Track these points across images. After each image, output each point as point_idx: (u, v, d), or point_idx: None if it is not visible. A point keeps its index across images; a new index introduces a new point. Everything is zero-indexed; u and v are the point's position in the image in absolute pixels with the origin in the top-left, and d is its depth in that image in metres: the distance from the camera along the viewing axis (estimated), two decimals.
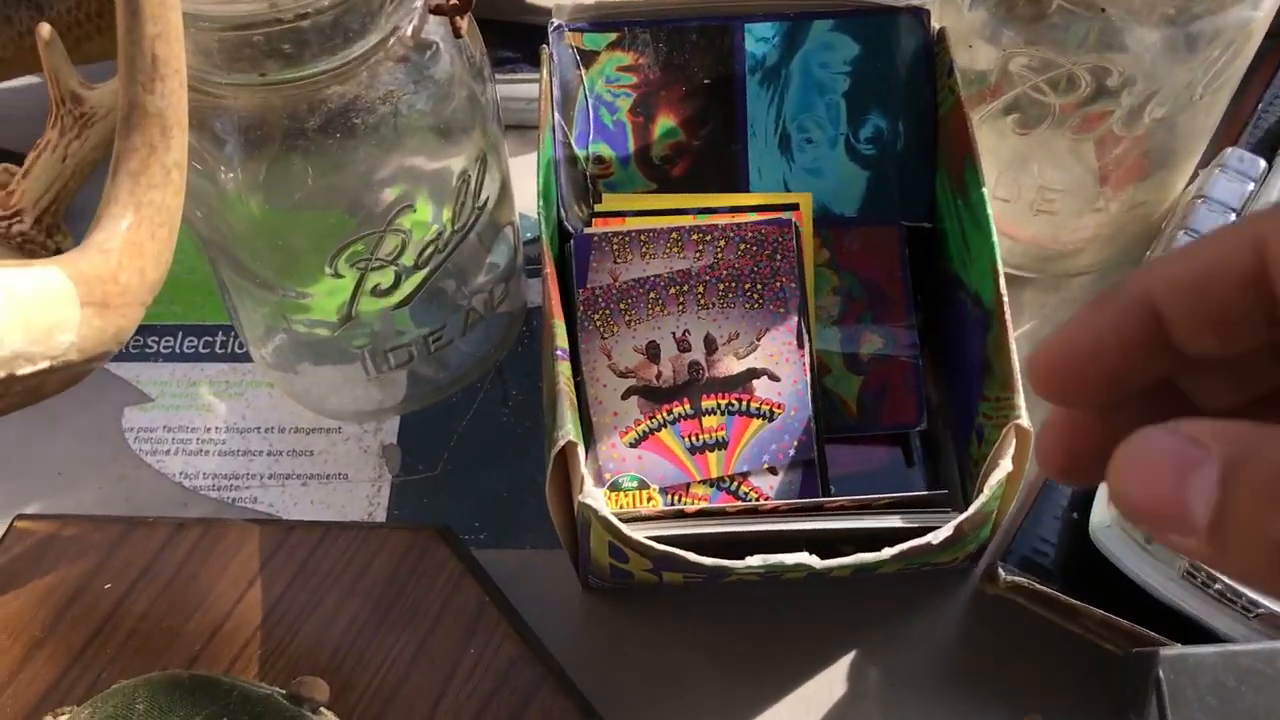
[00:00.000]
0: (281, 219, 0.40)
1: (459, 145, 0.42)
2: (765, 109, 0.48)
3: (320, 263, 0.41)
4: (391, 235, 0.41)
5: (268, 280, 0.42)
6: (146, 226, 0.31)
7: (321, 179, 0.39)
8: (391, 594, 0.44)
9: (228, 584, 0.44)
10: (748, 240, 0.45)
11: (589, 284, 0.45)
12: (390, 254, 0.42)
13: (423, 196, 0.41)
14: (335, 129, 0.38)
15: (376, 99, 0.38)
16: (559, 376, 0.39)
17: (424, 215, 0.41)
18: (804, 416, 0.43)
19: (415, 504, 0.48)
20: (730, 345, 0.44)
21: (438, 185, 0.41)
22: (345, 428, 0.50)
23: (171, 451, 0.50)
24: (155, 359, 0.52)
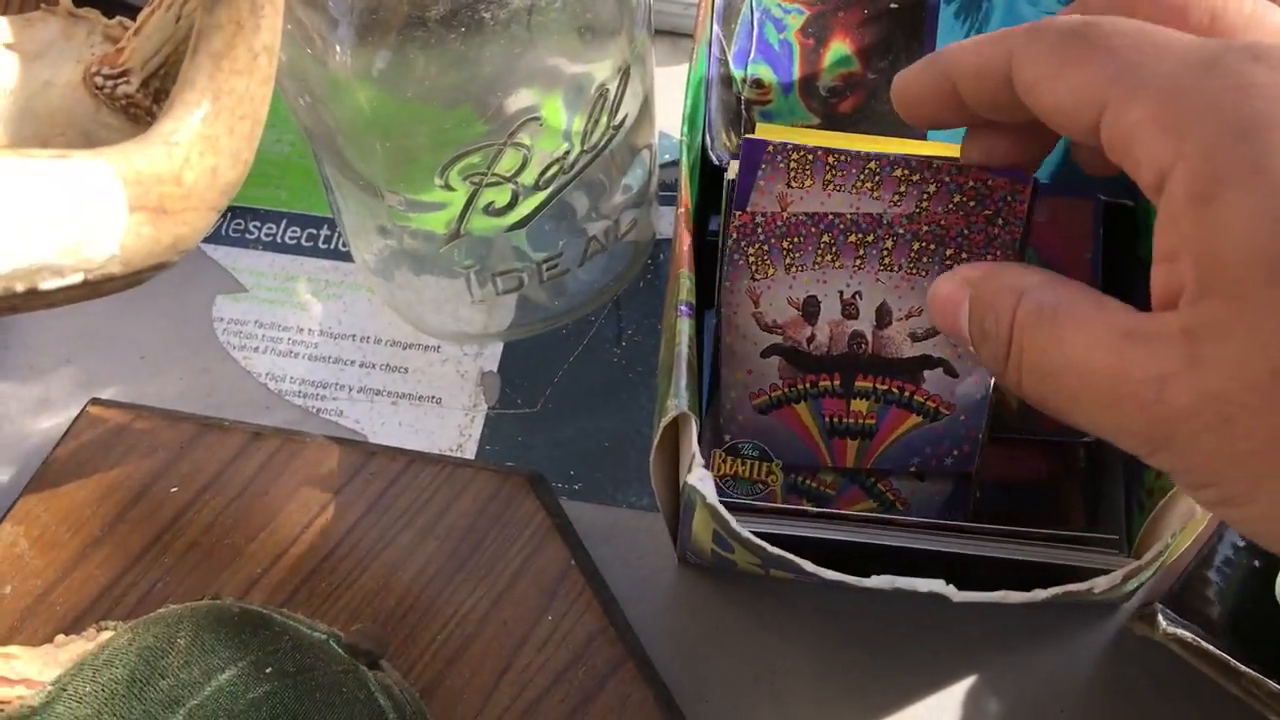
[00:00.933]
0: (394, 115, 0.35)
1: (601, 52, 0.36)
2: None
3: (431, 171, 0.36)
4: (512, 150, 0.36)
5: (373, 183, 0.38)
6: (225, 118, 0.26)
7: (441, 76, 0.34)
8: (470, 542, 0.40)
9: (298, 506, 0.41)
10: (965, 192, 0.37)
11: (750, 207, 0.38)
12: (509, 171, 0.37)
13: (552, 108, 0.36)
14: (461, 21, 0.33)
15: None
16: (680, 335, 0.34)
17: (552, 130, 0.36)
18: (974, 425, 0.37)
19: (508, 441, 0.44)
20: (907, 322, 0.37)
21: (571, 97, 0.36)
22: (444, 348, 0.46)
23: (260, 349, 0.46)
24: (255, 246, 0.49)
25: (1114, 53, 0.25)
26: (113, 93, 0.47)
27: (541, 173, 0.37)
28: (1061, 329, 0.25)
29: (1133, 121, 0.24)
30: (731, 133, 0.42)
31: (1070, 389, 0.25)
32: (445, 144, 0.36)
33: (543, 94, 0.35)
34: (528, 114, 0.35)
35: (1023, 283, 0.27)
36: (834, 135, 0.42)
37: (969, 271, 0.29)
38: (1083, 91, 0.25)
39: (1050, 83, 0.26)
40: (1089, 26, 0.26)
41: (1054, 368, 0.25)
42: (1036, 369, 0.25)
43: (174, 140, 0.25)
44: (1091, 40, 0.25)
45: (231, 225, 0.49)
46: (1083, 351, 0.24)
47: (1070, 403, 0.25)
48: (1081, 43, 0.26)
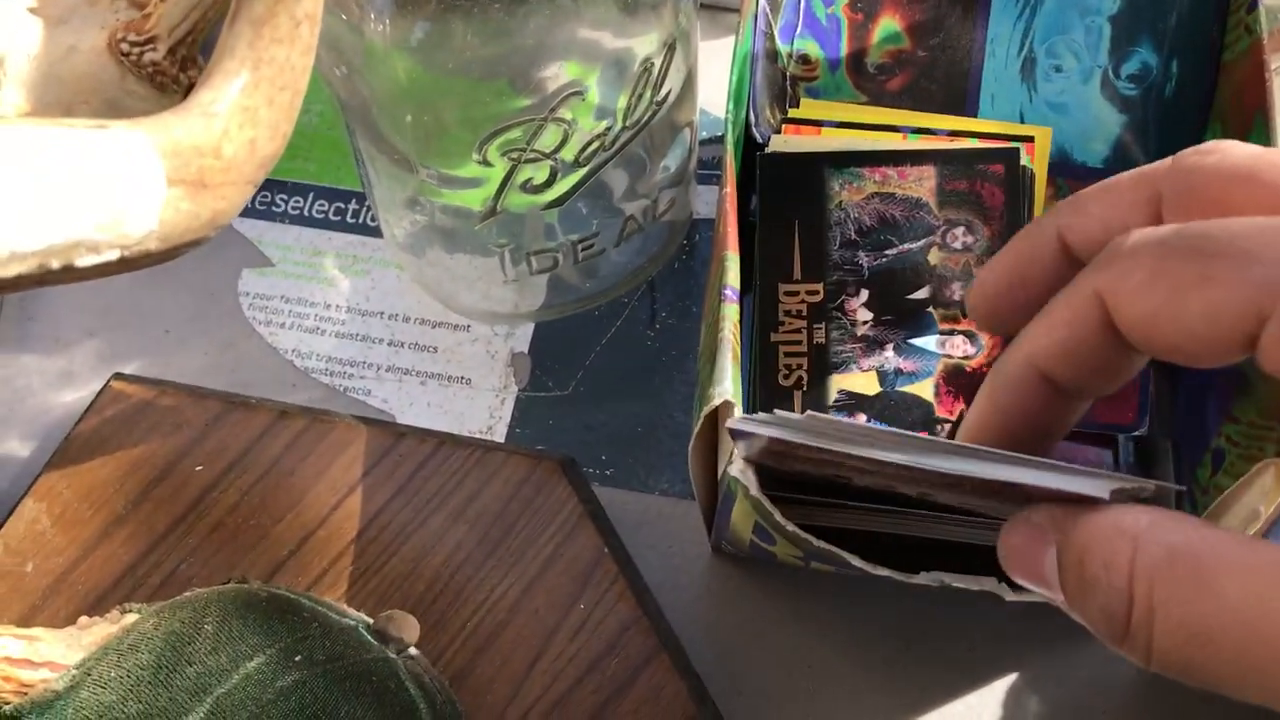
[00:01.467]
0: (431, 87, 0.34)
1: (647, 25, 0.35)
2: (1012, 23, 0.40)
3: (468, 145, 0.35)
4: (554, 125, 0.35)
5: (408, 158, 0.37)
6: (265, 89, 0.25)
7: (482, 48, 0.33)
8: (501, 527, 0.39)
9: (326, 487, 0.40)
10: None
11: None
12: (549, 147, 0.36)
13: (595, 82, 0.35)
14: (502, 12, 0.32)
15: None
16: (725, 321, 0.33)
17: (593, 105, 0.35)
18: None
19: (539, 424, 0.43)
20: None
21: (615, 71, 0.35)
22: (475, 327, 0.45)
23: (286, 325, 0.45)
24: (282, 219, 0.47)
25: (1250, 256, 0.21)
26: (139, 60, 0.46)
27: (582, 149, 0.36)
28: (1217, 578, 0.20)
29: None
30: (776, 108, 0.41)
31: (1234, 645, 0.20)
32: (484, 118, 0.34)
33: (586, 68, 0.34)
34: (571, 88, 0.34)
35: (1128, 523, 0.22)
36: (878, 111, 0.40)
37: (1048, 511, 0.24)
38: (1225, 311, 0.21)
39: (1173, 311, 0.22)
40: (1196, 236, 0.22)
41: (1206, 624, 0.20)
42: (1183, 629, 0.20)
43: (213, 111, 0.24)
44: (1210, 250, 0.21)
45: (258, 198, 0.48)
46: (1247, 594, 0.19)
47: (1234, 668, 0.20)
48: (1198, 256, 0.22)
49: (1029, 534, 0.24)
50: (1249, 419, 0.33)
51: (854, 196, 0.38)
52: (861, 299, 0.38)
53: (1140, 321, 0.23)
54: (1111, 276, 0.23)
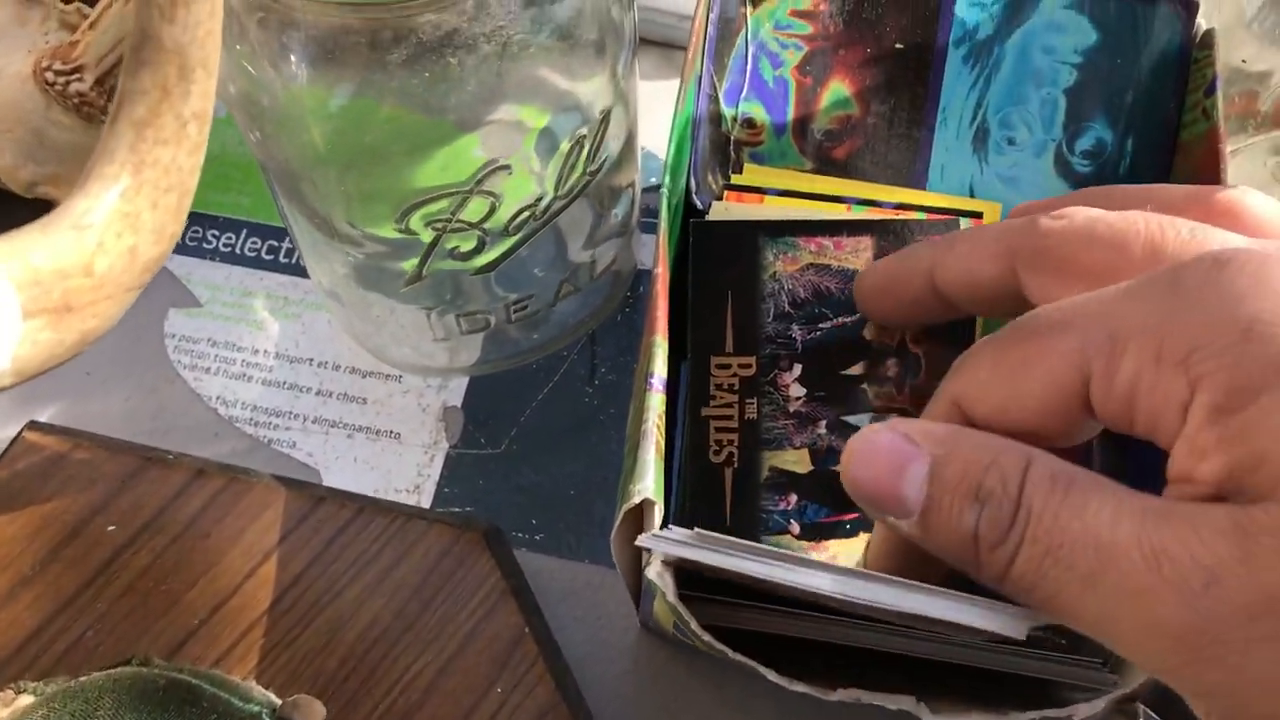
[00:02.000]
0: (351, 156, 0.33)
1: (578, 98, 0.33)
2: (965, 93, 0.39)
3: (390, 213, 0.34)
4: (479, 197, 0.33)
5: (328, 220, 0.35)
6: (148, 192, 0.24)
7: (403, 120, 0.31)
8: (419, 602, 0.37)
9: (241, 552, 0.38)
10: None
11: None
12: (475, 218, 0.34)
13: (524, 155, 0.33)
14: (425, 66, 0.30)
15: (481, 35, 0.30)
16: (648, 412, 0.32)
17: (523, 177, 0.34)
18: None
19: (469, 484, 0.42)
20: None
21: (545, 143, 0.34)
22: (407, 378, 0.44)
23: (212, 370, 0.44)
24: (212, 257, 0.46)
25: (1066, 326, 0.23)
26: (64, 90, 0.45)
27: (511, 218, 0.35)
28: (1085, 499, 0.21)
29: (1129, 376, 0.22)
30: (718, 173, 0.39)
31: (1084, 566, 0.21)
32: (406, 189, 0.33)
33: (514, 140, 0.33)
34: (496, 162, 0.33)
35: (1019, 447, 0.23)
36: (825, 180, 0.39)
37: (924, 427, 0.24)
38: (1054, 384, 0.23)
39: (1016, 399, 0.24)
40: (1016, 324, 0.25)
41: (1066, 537, 0.21)
42: (1046, 539, 0.22)
43: (86, 223, 0.23)
44: (1031, 331, 0.24)
45: (189, 233, 0.46)
46: (1107, 521, 0.21)
47: (1082, 586, 0.21)
48: (1022, 340, 0.24)
49: (894, 441, 0.24)
50: None
51: (789, 267, 0.37)
52: (794, 374, 0.37)
53: (994, 414, 0.24)
54: (960, 382, 0.25)
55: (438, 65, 0.30)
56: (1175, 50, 0.37)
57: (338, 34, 0.30)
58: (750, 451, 0.36)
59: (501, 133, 0.32)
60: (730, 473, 0.36)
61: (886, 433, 0.24)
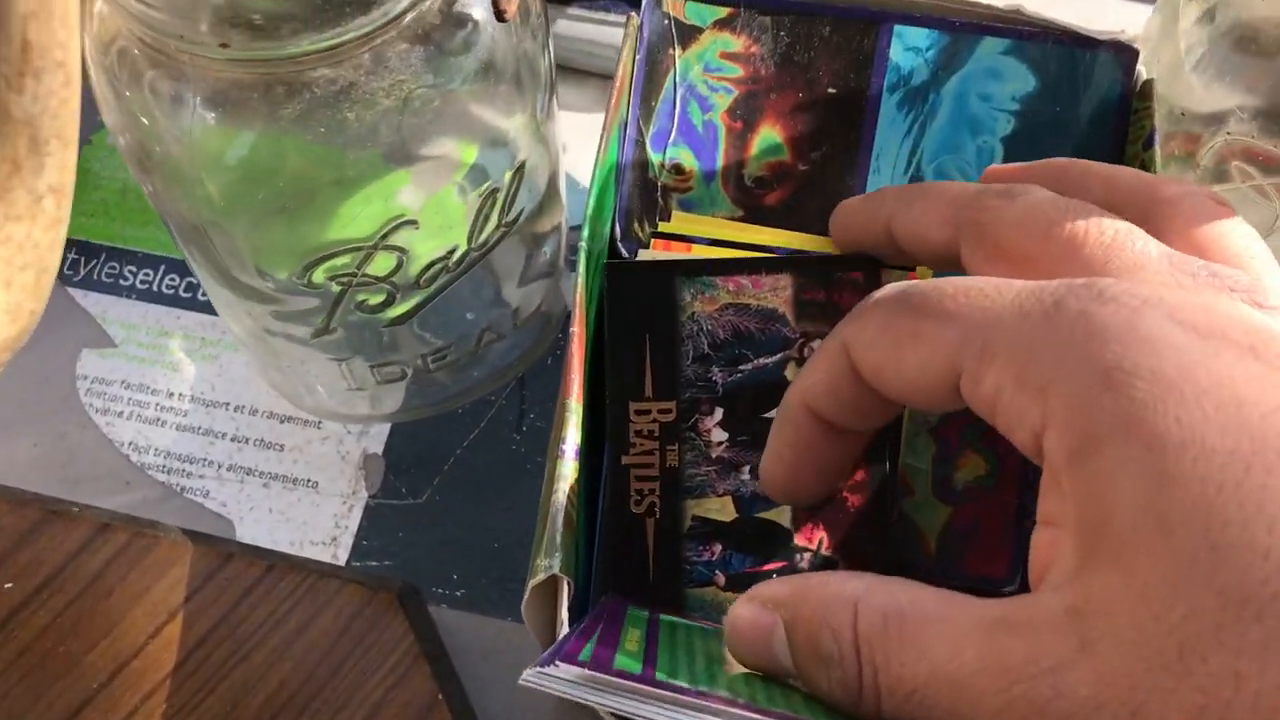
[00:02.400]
0: (248, 212, 0.31)
1: (488, 151, 0.32)
2: (899, 139, 0.37)
3: (292, 265, 0.32)
4: (385, 252, 0.32)
5: (230, 272, 0.34)
6: (0, 270, 0.22)
7: (299, 178, 0.30)
8: (329, 666, 0.36)
9: (144, 612, 0.37)
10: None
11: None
12: (383, 273, 0.33)
13: (431, 211, 0.32)
14: (319, 122, 0.29)
15: (379, 90, 0.29)
16: (560, 482, 0.30)
17: (431, 231, 0.32)
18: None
19: (388, 536, 0.40)
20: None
21: (453, 199, 0.32)
22: (326, 424, 0.42)
23: (125, 415, 0.42)
24: (129, 294, 0.44)
25: (951, 317, 0.24)
26: None
27: (422, 271, 0.34)
28: (919, 634, 0.21)
29: (992, 386, 0.22)
30: (645, 220, 0.38)
31: (945, 703, 0.21)
32: (308, 244, 0.32)
33: (420, 197, 0.31)
34: (400, 219, 0.31)
35: (846, 591, 0.23)
36: (756, 230, 0.38)
37: (773, 590, 0.25)
38: (931, 366, 0.24)
39: (894, 365, 0.25)
40: (914, 293, 0.25)
41: (919, 682, 0.21)
42: (900, 686, 0.21)
43: None
44: (922, 308, 0.24)
45: (105, 268, 0.45)
46: (950, 654, 0.21)
47: (952, 716, 0.21)
48: (913, 313, 0.24)
49: (754, 615, 0.25)
50: None
51: (707, 308, 0.35)
52: (716, 418, 0.35)
53: (872, 370, 0.25)
54: (854, 329, 0.26)
55: (334, 120, 0.29)
56: (1116, 99, 0.36)
57: (229, 88, 0.28)
58: (672, 501, 0.35)
59: (406, 189, 0.31)
60: (652, 523, 0.35)
61: (744, 606, 0.25)
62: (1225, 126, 0.36)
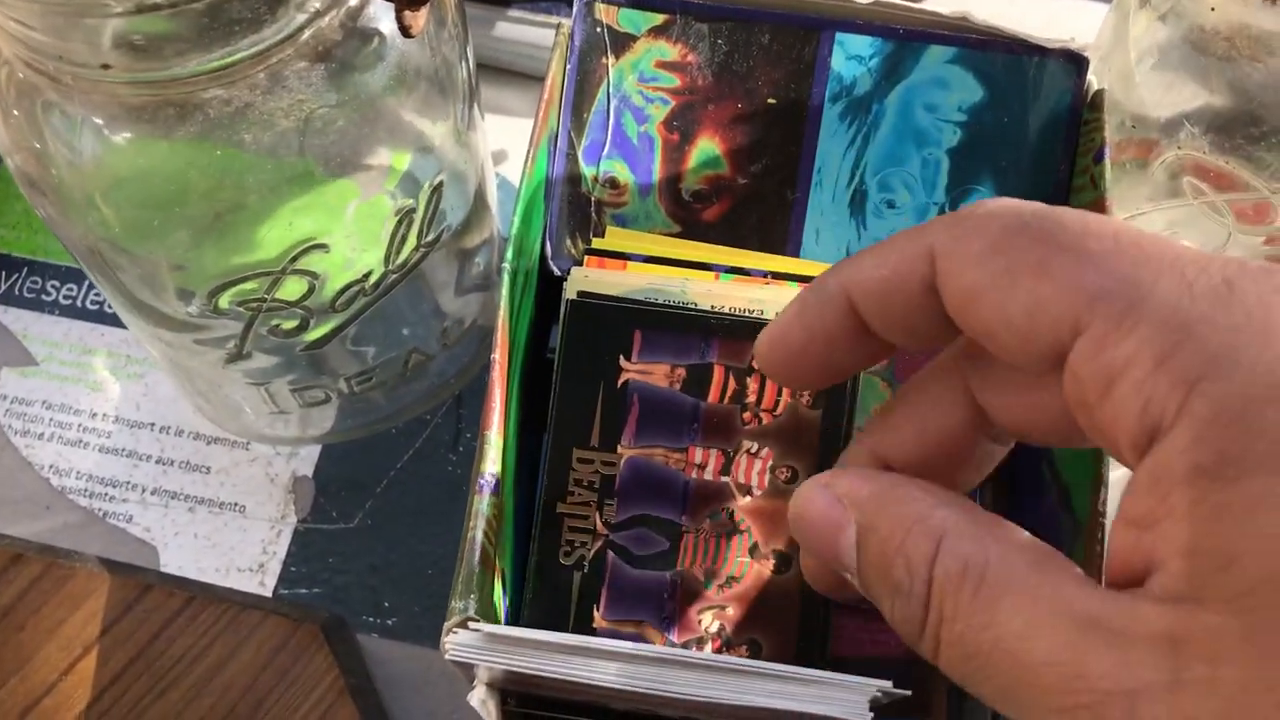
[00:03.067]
0: (144, 237, 0.30)
1: (407, 168, 0.31)
2: (842, 151, 0.36)
3: (196, 290, 0.31)
4: (295, 277, 0.30)
5: (134, 296, 0.32)
6: None
7: (197, 203, 0.28)
8: (250, 702, 0.35)
9: (58, 646, 0.35)
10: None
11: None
12: (294, 297, 0.31)
13: (343, 234, 0.30)
14: (215, 145, 0.27)
15: (278, 110, 0.27)
16: (477, 519, 0.29)
17: (341, 256, 0.31)
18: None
19: (317, 562, 0.39)
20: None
21: (365, 221, 0.31)
22: (255, 445, 0.41)
23: (46, 436, 0.41)
24: (51, 310, 0.43)
25: (1089, 260, 0.19)
26: None
27: (337, 295, 0.32)
28: (997, 599, 0.19)
29: (1121, 359, 0.19)
30: (578, 237, 0.36)
31: (1003, 681, 0.19)
32: (210, 269, 0.30)
33: (326, 220, 0.30)
34: (307, 242, 0.30)
35: (935, 519, 0.20)
36: (694, 246, 0.36)
37: (852, 485, 0.22)
38: (1048, 308, 0.19)
39: (997, 296, 0.20)
40: (1046, 220, 0.20)
41: (982, 649, 0.19)
42: (960, 646, 0.19)
43: None
44: (1054, 239, 0.20)
45: (27, 283, 0.43)
46: (1023, 635, 0.19)
47: (1002, 697, 0.19)
48: (1039, 243, 0.20)
49: (828, 505, 0.22)
50: None
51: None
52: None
53: (964, 292, 0.21)
54: (952, 237, 0.21)
55: (231, 141, 0.27)
56: (1065, 109, 0.35)
57: (118, 110, 0.26)
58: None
59: (310, 212, 0.29)
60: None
61: (818, 493, 0.23)
62: (1177, 138, 0.35)
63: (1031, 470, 0.35)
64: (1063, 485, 0.33)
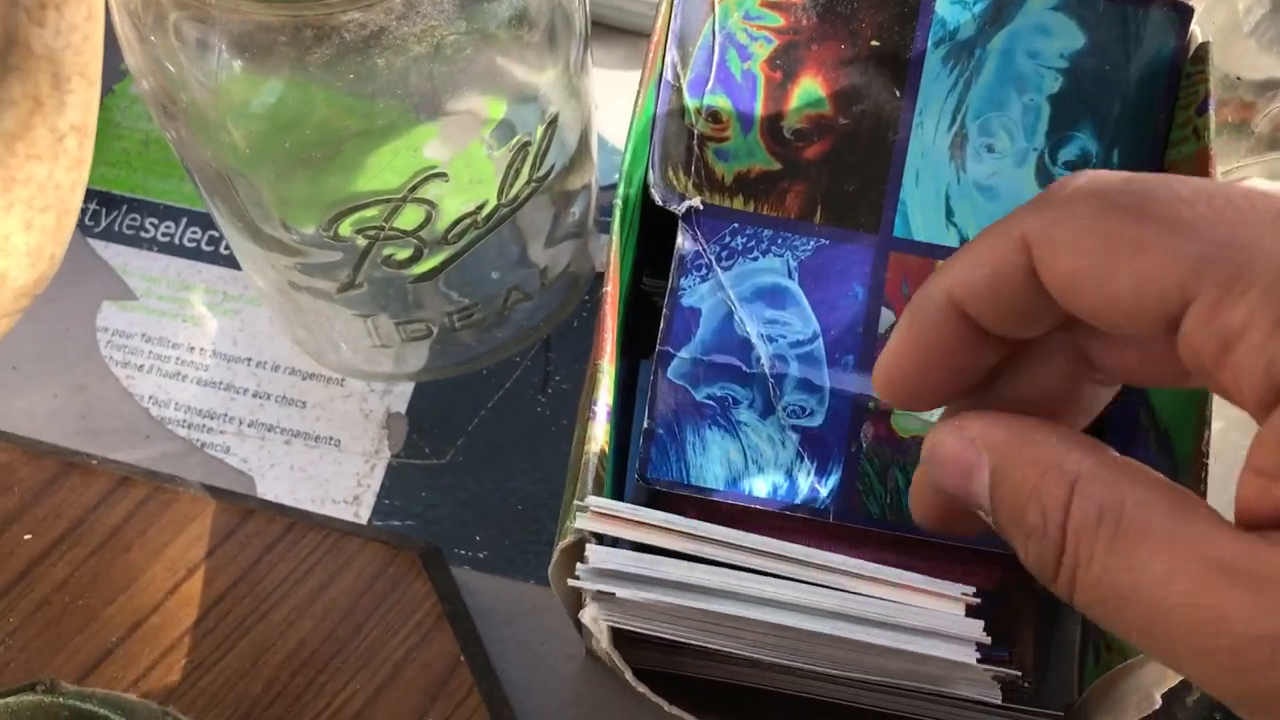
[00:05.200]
0: (274, 161, 0.30)
1: (521, 101, 0.31)
2: (944, 95, 0.36)
3: (318, 217, 0.31)
4: (414, 205, 0.31)
5: (255, 224, 0.33)
6: (20, 212, 0.22)
7: (327, 124, 0.29)
8: (350, 625, 0.36)
9: (164, 567, 0.36)
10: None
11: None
12: (411, 226, 0.32)
13: (462, 163, 0.31)
14: (349, 68, 0.28)
15: (410, 35, 0.28)
16: (591, 442, 0.30)
17: (461, 184, 0.31)
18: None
19: (410, 496, 0.40)
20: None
21: (484, 150, 0.31)
22: (350, 382, 0.41)
23: (145, 368, 0.42)
24: (150, 246, 0.44)
25: (1188, 228, 0.19)
26: None
27: (451, 226, 0.33)
28: (1134, 545, 0.19)
29: (1238, 323, 0.19)
30: (681, 170, 0.37)
31: (1142, 623, 0.19)
32: (334, 195, 0.31)
33: (450, 147, 0.30)
34: (429, 170, 0.30)
35: (1069, 463, 0.21)
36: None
37: (985, 429, 0.22)
38: (1153, 283, 0.20)
39: (1098, 278, 0.20)
40: (1134, 190, 0.20)
41: (1119, 593, 0.19)
42: (1097, 590, 0.20)
43: None
44: (1147, 211, 0.20)
45: (126, 220, 0.44)
46: (1161, 580, 0.19)
47: (1143, 636, 0.19)
48: (1132, 219, 0.20)
49: (961, 447, 0.23)
50: None
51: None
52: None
53: (1065, 278, 0.21)
54: (1043, 223, 0.21)
55: (364, 66, 0.28)
56: (1166, 59, 0.35)
57: (257, 32, 0.27)
58: None
59: (436, 138, 0.30)
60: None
61: (951, 438, 0.23)
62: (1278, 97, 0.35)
63: (1127, 415, 0.35)
64: (1161, 429, 0.33)
